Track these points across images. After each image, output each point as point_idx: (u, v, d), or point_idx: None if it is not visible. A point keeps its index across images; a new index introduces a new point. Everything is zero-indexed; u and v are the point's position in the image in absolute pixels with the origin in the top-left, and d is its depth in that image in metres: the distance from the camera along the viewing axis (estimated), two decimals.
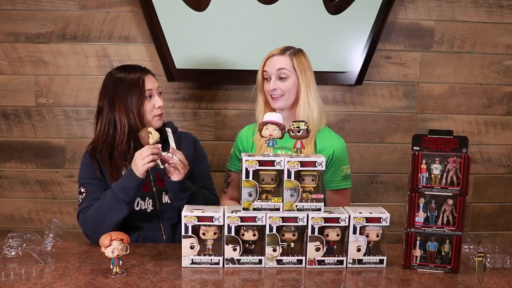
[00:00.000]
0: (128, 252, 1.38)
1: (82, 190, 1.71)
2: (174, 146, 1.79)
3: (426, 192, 1.42)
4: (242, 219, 1.42)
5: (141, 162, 1.56)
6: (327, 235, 1.44)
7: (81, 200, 1.70)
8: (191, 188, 1.69)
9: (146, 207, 1.74)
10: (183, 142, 1.84)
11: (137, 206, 1.73)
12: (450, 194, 1.41)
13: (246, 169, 1.40)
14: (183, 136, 1.89)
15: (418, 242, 1.44)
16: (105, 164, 1.71)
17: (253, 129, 1.91)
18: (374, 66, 2.38)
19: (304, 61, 1.79)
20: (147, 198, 1.74)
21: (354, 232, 1.44)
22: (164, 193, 1.76)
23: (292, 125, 1.47)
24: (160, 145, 1.59)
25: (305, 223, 1.43)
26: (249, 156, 1.42)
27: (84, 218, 1.65)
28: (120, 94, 1.70)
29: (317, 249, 1.44)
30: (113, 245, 1.35)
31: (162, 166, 1.65)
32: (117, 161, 1.71)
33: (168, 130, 1.83)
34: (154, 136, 1.58)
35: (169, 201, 1.75)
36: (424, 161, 1.41)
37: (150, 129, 1.59)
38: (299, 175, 1.42)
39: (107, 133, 1.72)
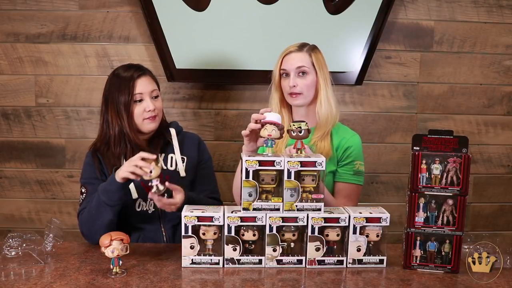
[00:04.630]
0: (128, 252, 1.38)
1: (83, 190, 1.70)
2: (178, 149, 1.77)
3: (426, 192, 1.42)
4: (242, 219, 1.42)
5: (125, 166, 1.50)
6: (327, 235, 1.44)
7: (81, 200, 1.70)
8: (190, 200, 1.63)
9: (148, 208, 1.73)
10: (186, 143, 1.82)
11: (138, 207, 1.72)
12: (450, 194, 1.41)
13: (246, 169, 1.40)
14: (187, 136, 1.86)
15: (418, 242, 1.44)
16: (106, 162, 1.71)
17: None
18: (374, 66, 2.38)
19: (321, 57, 1.79)
20: (149, 199, 1.73)
21: (354, 232, 1.44)
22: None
23: (293, 125, 1.46)
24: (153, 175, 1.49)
25: (305, 223, 1.43)
26: (249, 156, 1.42)
27: (81, 218, 1.65)
28: (112, 93, 1.69)
29: (317, 249, 1.44)
30: (113, 245, 1.35)
31: (161, 188, 1.51)
32: (111, 160, 1.70)
33: (172, 131, 1.80)
34: (154, 173, 1.46)
35: None
36: (424, 161, 1.41)
37: (152, 164, 1.46)
38: (299, 175, 1.42)
39: (104, 132, 1.72)
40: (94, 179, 1.70)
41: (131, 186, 1.69)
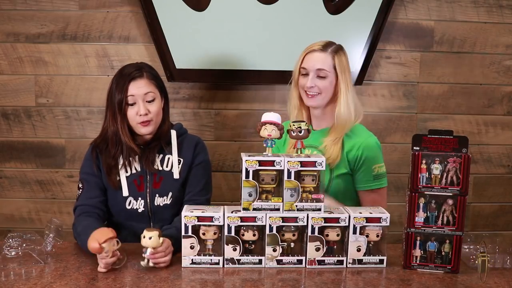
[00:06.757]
0: (120, 245, 1.39)
1: (80, 186, 1.72)
2: (176, 151, 1.75)
3: (426, 192, 1.42)
4: (242, 219, 1.42)
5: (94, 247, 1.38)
6: (327, 235, 1.44)
7: (78, 195, 1.72)
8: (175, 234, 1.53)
9: (138, 207, 1.72)
10: (184, 146, 1.79)
11: (128, 205, 1.71)
12: (450, 194, 1.41)
13: (246, 169, 1.40)
14: (187, 138, 1.83)
15: (418, 242, 1.44)
16: (103, 160, 1.71)
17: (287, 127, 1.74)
18: (374, 66, 2.37)
19: (344, 60, 1.74)
20: (139, 198, 1.72)
21: (354, 232, 1.44)
22: (157, 195, 1.73)
23: (293, 125, 1.46)
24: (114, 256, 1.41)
25: (305, 223, 1.43)
26: (249, 156, 1.42)
27: (74, 224, 1.65)
28: (110, 94, 1.69)
29: (317, 249, 1.44)
30: (105, 248, 1.35)
31: (151, 264, 1.42)
32: (107, 159, 1.70)
33: (173, 133, 1.78)
34: (153, 241, 1.38)
35: (161, 204, 1.73)
36: (424, 161, 1.41)
37: (155, 232, 1.38)
38: (299, 175, 1.42)
39: (105, 129, 1.72)
40: (91, 174, 1.71)
41: (123, 182, 1.69)
